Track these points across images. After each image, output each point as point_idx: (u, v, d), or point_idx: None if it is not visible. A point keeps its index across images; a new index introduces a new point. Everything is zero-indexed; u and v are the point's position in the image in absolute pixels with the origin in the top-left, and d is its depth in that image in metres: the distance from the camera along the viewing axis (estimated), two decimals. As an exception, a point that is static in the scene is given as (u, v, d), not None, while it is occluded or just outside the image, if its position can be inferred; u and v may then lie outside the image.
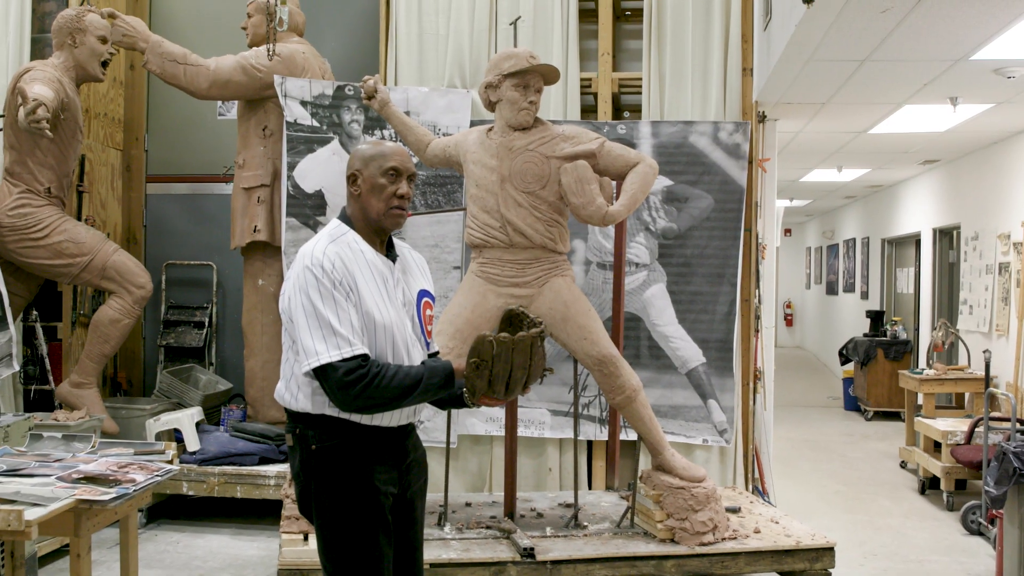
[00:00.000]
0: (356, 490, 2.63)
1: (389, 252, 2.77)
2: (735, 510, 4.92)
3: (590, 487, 5.75)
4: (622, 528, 4.63)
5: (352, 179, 2.74)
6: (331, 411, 2.63)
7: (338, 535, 2.64)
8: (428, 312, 2.84)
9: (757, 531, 4.57)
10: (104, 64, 5.58)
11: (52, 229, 5.39)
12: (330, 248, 2.62)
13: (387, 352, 2.65)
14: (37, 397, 5.86)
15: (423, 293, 2.84)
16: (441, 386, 2.65)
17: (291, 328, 2.63)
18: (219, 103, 6.75)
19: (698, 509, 4.39)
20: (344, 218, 2.76)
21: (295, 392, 2.67)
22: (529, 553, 4.22)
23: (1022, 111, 6.75)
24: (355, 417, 2.63)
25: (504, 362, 2.60)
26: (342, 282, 2.57)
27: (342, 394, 2.53)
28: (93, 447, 3.91)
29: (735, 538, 4.46)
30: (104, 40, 5.52)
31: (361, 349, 2.55)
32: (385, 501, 2.67)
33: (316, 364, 2.53)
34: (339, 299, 2.56)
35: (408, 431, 2.80)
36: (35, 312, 5.85)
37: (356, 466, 2.64)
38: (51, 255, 5.41)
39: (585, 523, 4.70)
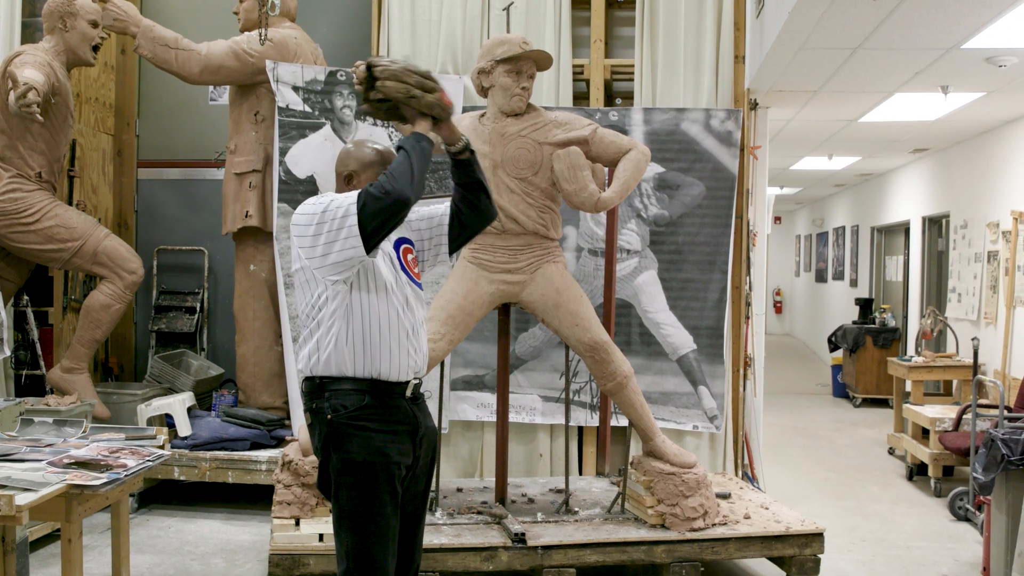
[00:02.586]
0: (370, 458, 2.75)
1: None
2: (725, 496, 4.95)
3: (581, 473, 5.77)
4: (613, 514, 4.66)
5: (348, 179, 2.93)
6: (349, 371, 2.76)
7: (352, 502, 2.75)
8: (409, 256, 2.97)
9: (747, 517, 4.60)
10: (95, 48, 5.54)
11: (43, 214, 5.37)
12: (320, 198, 2.79)
13: (385, 303, 2.79)
14: (28, 382, 5.85)
15: (400, 241, 2.97)
16: (419, 140, 2.74)
17: (311, 264, 2.73)
18: (211, 88, 6.72)
19: (688, 495, 4.42)
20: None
21: (318, 350, 2.77)
22: (520, 538, 4.25)
23: (1012, 100, 6.77)
24: (366, 372, 2.75)
25: (400, 80, 2.75)
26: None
27: (373, 204, 2.61)
28: (84, 432, 3.90)
29: (725, 524, 4.49)
30: (95, 24, 5.48)
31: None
32: (397, 472, 2.79)
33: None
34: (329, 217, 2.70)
35: (418, 400, 2.92)
36: (26, 297, 5.83)
37: (371, 435, 2.76)
38: (42, 240, 5.39)
39: (576, 508, 4.73)
